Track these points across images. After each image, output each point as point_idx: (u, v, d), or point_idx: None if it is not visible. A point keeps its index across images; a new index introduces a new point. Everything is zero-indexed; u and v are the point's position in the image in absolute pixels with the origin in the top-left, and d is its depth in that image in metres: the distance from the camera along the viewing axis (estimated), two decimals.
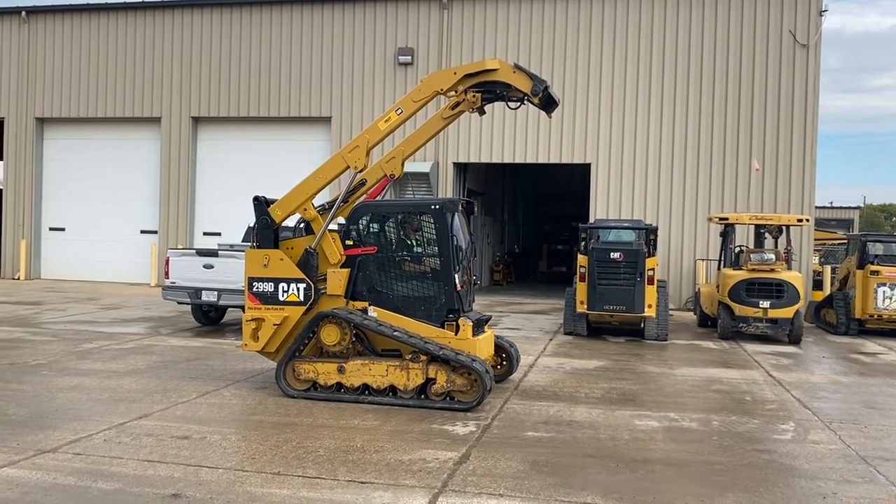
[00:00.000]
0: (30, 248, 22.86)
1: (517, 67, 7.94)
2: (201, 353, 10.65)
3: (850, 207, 49.89)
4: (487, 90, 8.16)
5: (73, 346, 11.01)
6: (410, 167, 19.89)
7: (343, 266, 8.15)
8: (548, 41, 19.73)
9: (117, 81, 22.24)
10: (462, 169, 21.06)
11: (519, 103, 8.23)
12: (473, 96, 8.14)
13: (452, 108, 8.24)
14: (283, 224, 8.49)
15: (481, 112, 8.42)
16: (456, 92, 8.06)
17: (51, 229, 23.20)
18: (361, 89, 20.72)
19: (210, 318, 13.68)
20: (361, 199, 8.51)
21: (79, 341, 11.41)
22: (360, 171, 8.21)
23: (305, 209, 8.24)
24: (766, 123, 18.74)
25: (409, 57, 20.29)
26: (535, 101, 7.98)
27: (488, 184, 25.25)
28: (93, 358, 10.09)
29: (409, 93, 8.15)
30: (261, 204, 8.31)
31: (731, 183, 18.90)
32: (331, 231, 8.41)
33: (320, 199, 8.88)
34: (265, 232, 8.27)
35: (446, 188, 20.20)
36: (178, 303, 13.22)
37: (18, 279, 22.53)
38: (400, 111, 8.06)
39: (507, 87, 8.04)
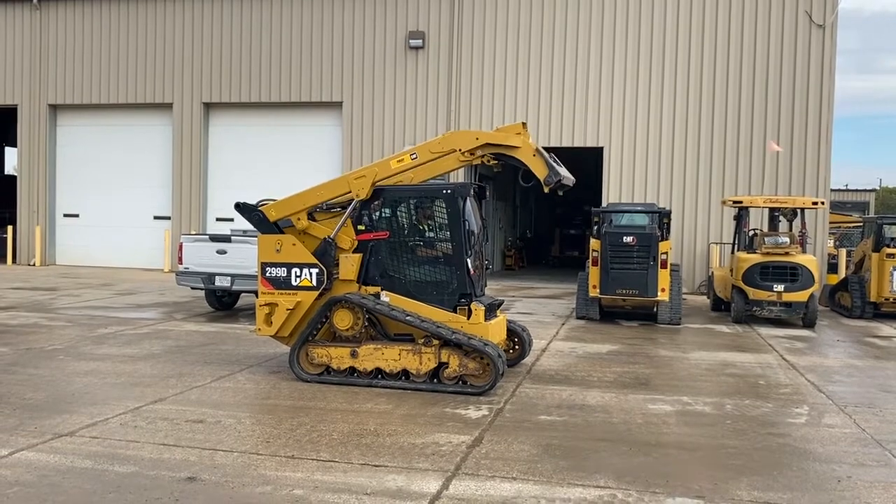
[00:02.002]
0: (45, 234, 23.03)
1: (538, 152, 7.84)
2: (215, 338, 10.72)
3: (865, 190, 49.39)
4: (505, 159, 8.20)
5: (89, 331, 11.10)
6: None
7: (355, 251, 8.17)
8: (559, 22, 19.57)
9: (129, 67, 22.28)
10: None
11: (532, 181, 8.18)
12: (490, 160, 8.17)
13: (471, 154, 8.21)
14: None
15: (496, 167, 8.48)
16: (473, 154, 8.01)
17: (65, 216, 23.36)
18: (372, 74, 20.65)
19: (224, 303, 13.76)
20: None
21: (94, 326, 11.51)
22: (361, 200, 8.13)
23: (299, 218, 8.22)
24: (780, 105, 18.56)
25: (420, 41, 20.20)
26: (546, 189, 8.07)
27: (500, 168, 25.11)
28: (108, 343, 10.18)
29: (427, 142, 8.09)
30: (244, 207, 8.32)
31: (745, 166, 18.75)
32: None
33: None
34: (263, 226, 8.29)
35: (458, 172, 20.13)
36: (192, 288, 13.30)
37: (34, 265, 22.73)
38: (414, 156, 8.01)
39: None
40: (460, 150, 7.92)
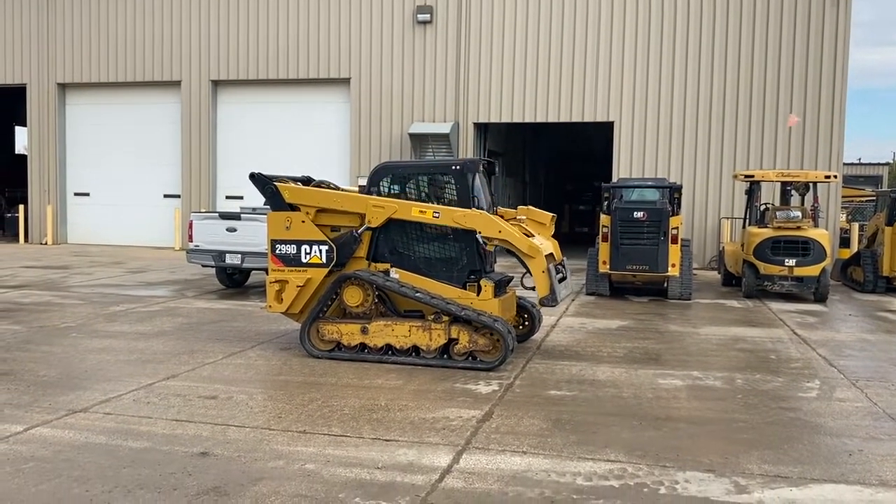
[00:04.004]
0: (56, 213, 23.14)
1: (548, 271, 7.82)
2: (226, 315, 10.77)
3: (878, 164, 48.93)
4: (516, 258, 8.21)
5: (101, 308, 11.18)
6: (431, 128, 19.91)
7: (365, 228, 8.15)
8: None
9: (137, 45, 22.21)
10: (482, 129, 20.88)
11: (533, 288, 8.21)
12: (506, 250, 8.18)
13: (487, 239, 8.07)
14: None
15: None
16: (490, 240, 7.93)
17: (75, 194, 23.45)
18: (380, 49, 20.51)
19: (234, 280, 13.82)
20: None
21: (106, 304, 11.59)
22: (371, 227, 8.04)
23: (308, 212, 8.18)
24: (793, 78, 18.32)
25: (428, 15, 20.01)
26: (539, 305, 8.26)
27: (509, 144, 25.03)
28: (120, 320, 10.25)
29: (454, 210, 7.87)
30: (259, 178, 8.29)
31: (756, 139, 18.57)
32: (349, 191, 8.40)
33: (328, 177, 8.92)
34: (275, 199, 8.27)
35: (466, 148, 20.06)
36: (203, 266, 13.35)
37: (46, 244, 22.86)
38: (437, 215, 7.87)
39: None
40: (479, 232, 7.84)
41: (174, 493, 4.52)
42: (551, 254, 8.16)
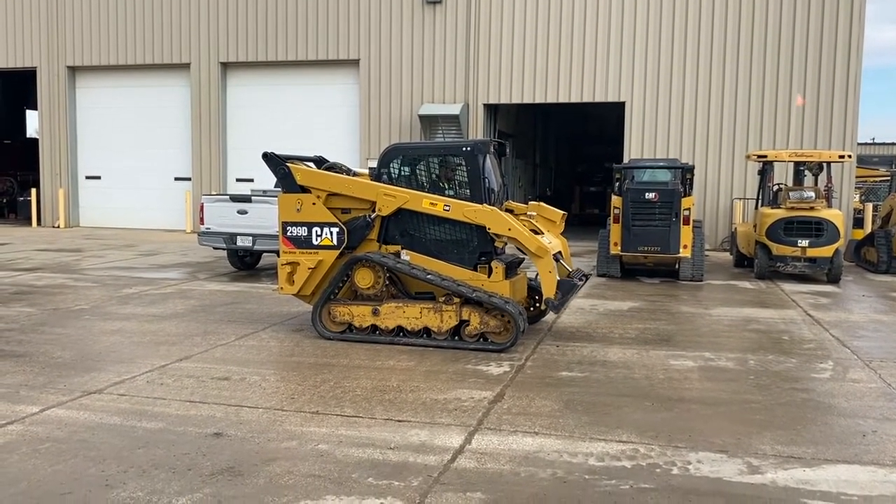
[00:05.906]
0: (68, 196, 23.24)
1: (572, 285, 7.77)
2: (238, 297, 10.82)
3: (893, 143, 48.37)
4: (524, 255, 8.18)
5: (114, 291, 11.25)
6: (440, 109, 19.83)
7: None
8: None
9: (146, 28, 22.17)
10: (493, 110, 20.76)
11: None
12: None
13: (497, 236, 8.00)
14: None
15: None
16: (499, 237, 7.87)
17: (87, 178, 23.53)
18: (389, 30, 20.39)
19: (246, 262, 13.85)
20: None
21: (119, 287, 11.65)
22: (381, 215, 8.02)
23: (318, 196, 8.16)
24: (807, 56, 18.09)
25: None
26: (543, 306, 8.24)
27: (519, 125, 24.89)
28: (133, 303, 10.31)
29: (465, 205, 7.78)
30: (272, 158, 8.26)
31: (769, 119, 18.39)
32: (361, 173, 8.39)
33: (337, 159, 8.93)
34: (287, 180, 8.26)
35: (477, 130, 19.97)
36: (214, 248, 13.40)
37: (58, 227, 22.99)
38: (447, 208, 7.81)
39: None
40: (489, 229, 7.78)
41: (189, 473, 4.55)
42: (559, 252, 8.12)
